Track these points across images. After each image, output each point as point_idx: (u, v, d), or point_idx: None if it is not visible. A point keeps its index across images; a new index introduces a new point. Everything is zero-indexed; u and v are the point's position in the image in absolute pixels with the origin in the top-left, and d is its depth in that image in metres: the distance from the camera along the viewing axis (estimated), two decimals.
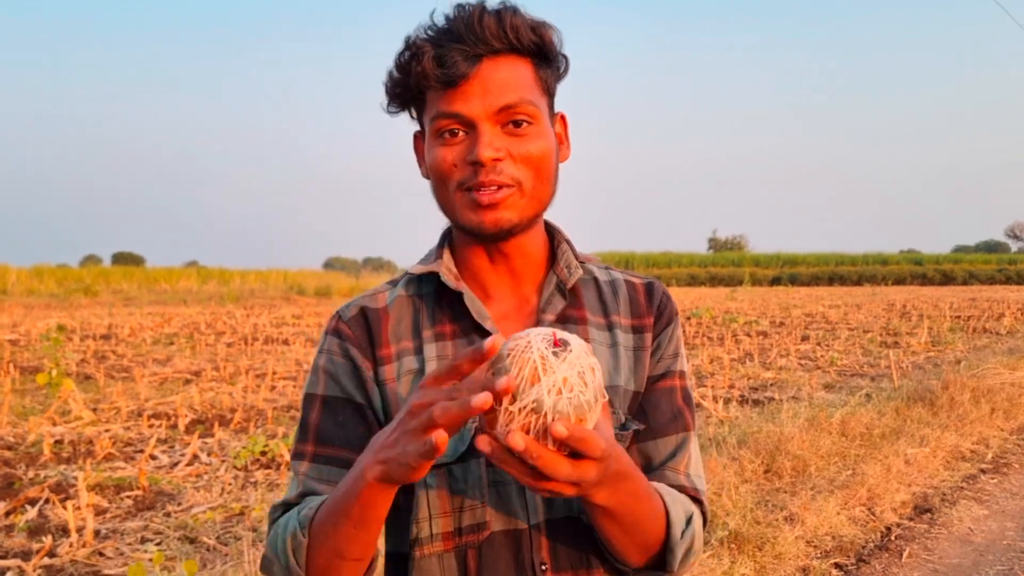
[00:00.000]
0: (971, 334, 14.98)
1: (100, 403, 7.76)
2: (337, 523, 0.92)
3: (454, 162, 1.03)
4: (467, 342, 1.08)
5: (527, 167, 1.04)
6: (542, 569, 1.03)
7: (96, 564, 3.85)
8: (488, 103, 1.01)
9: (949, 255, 69.40)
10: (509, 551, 1.03)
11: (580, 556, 1.05)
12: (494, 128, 1.02)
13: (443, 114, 1.02)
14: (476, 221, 1.04)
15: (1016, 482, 5.54)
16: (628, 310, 1.16)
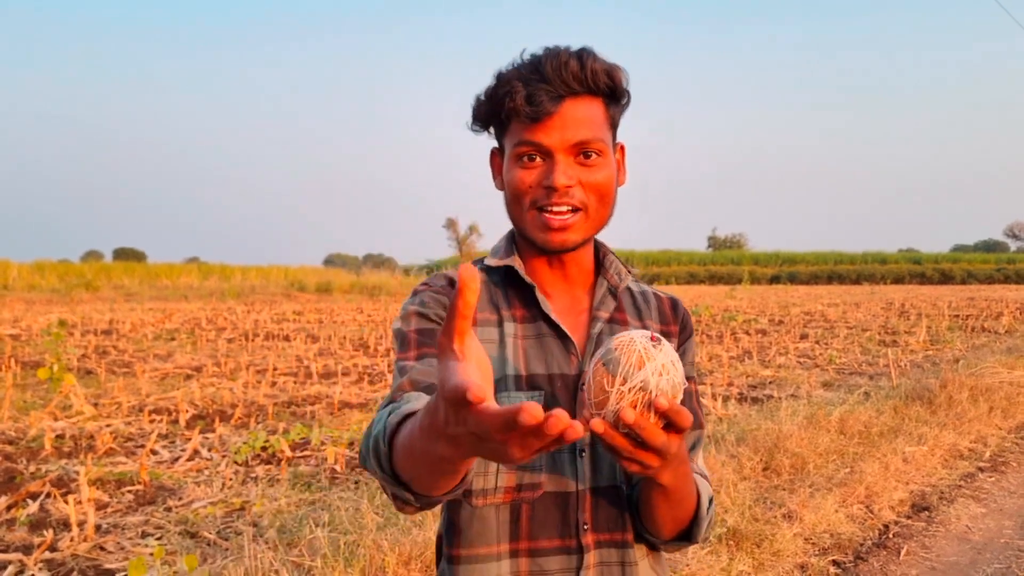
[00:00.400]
0: (969, 333, 15.00)
1: (101, 398, 7.77)
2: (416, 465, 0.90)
3: (530, 184, 1.19)
4: (534, 327, 1.24)
5: (593, 193, 1.20)
6: (584, 528, 1.18)
7: (97, 558, 3.87)
8: (566, 137, 1.17)
9: (948, 254, 69.47)
10: (557, 510, 1.18)
11: (617, 520, 1.21)
12: (568, 159, 1.18)
13: (526, 142, 1.18)
14: (544, 239, 1.21)
15: (1014, 480, 5.56)
16: (657, 318, 1.33)
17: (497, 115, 1.21)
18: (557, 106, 1.16)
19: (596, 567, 1.19)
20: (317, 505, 4.51)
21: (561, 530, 1.18)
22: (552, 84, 1.15)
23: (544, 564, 1.18)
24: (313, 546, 3.64)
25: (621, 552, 1.21)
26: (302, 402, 7.85)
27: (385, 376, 9.47)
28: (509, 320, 1.25)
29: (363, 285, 34.10)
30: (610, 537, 1.20)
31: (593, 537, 1.19)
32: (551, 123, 1.17)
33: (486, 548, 1.18)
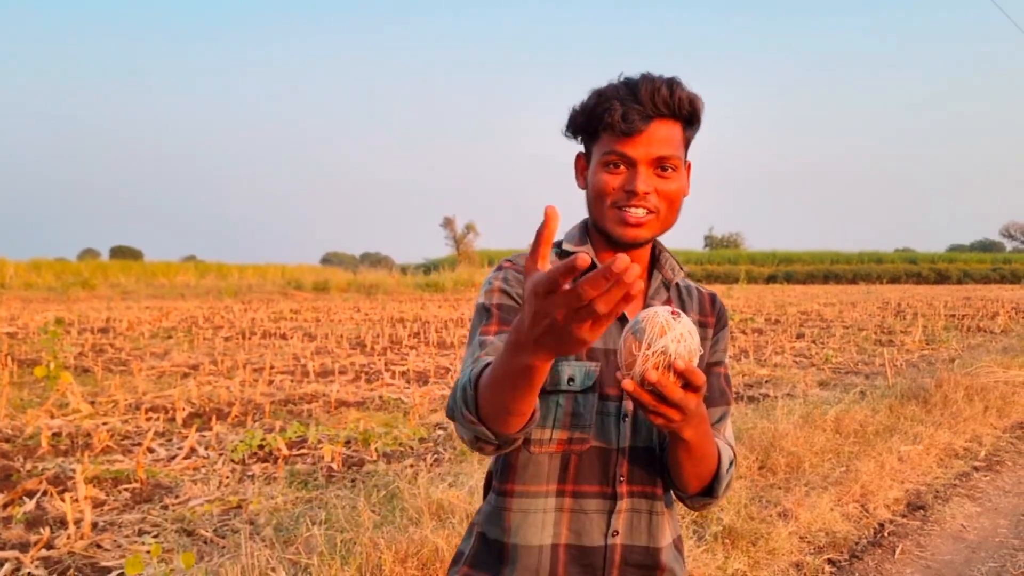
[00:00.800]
0: (965, 333, 15.03)
1: (98, 396, 7.77)
2: (501, 390, 1.12)
3: (614, 187, 1.40)
4: None
5: (665, 201, 1.41)
6: (620, 480, 1.41)
7: (94, 556, 3.87)
8: (650, 152, 1.38)
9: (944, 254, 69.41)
10: (599, 462, 1.41)
11: (649, 476, 1.43)
12: (648, 170, 1.39)
13: (615, 152, 1.39)
14: (620, 233, 1.41)
15: (1009, 479, 5.58)
16: (698, 309, 1.54)
17: (592, 126, 1.42)
18: (646, 125, 1.37)
19: (627, 512, 1.42)
20: (314, 503, 4.52)
21: (601, 479, 1.41)
22: (644, 106, 1.36)
23: (584, 504, 1.41)
24: (310, 544, 3.65)
25: (650, 503, 1.43)
26: (299, 400, 7.86)
27: (382, 374, 9.48)
28: None
29: (360, 284, 34.06)
30: (641, 489, 1.43)
31: (627, 488, 1.42)
32: (639, 139, 1.37)
33: (536, 486, 1.41)
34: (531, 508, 1.41)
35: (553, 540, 1.40)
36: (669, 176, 1.41)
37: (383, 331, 15.20)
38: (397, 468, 5.22)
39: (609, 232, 1.43)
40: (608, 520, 1.41)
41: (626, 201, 1.39)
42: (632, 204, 1.39)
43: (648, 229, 1.42)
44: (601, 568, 1.41)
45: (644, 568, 1.43)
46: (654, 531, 1.43)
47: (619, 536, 1.41)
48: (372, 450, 5.78)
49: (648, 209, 1.40)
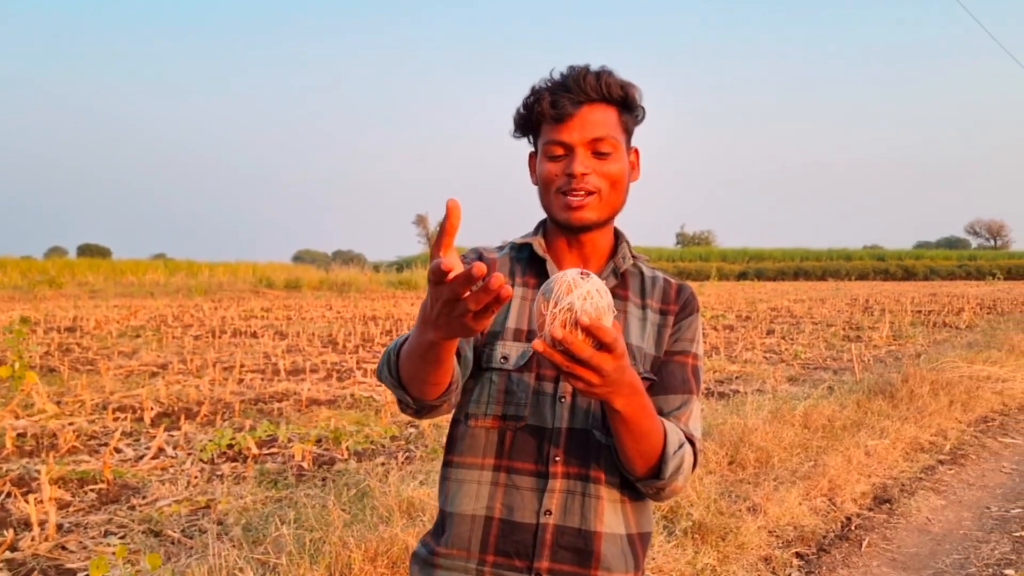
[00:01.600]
0: (931, 328, 15.25)
1: (64, 396, 7.66)
2: (412, 360, 1.25)
3: (556, 174, 1.46)
4: None
5: (606, 181, 1.46)
6: (555, 460, 1.42)
7: (58, 558, 3.82)
8: (583, 135, 1.44)
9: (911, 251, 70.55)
10: (534, 441, 1.43)
11: (584, 458, 1.43)
12: (586, 152, 1.45)
13: (552, 141, 1.46)
14: (565, 217, 1.46)
15: (973, 473, 5.67)
16: (659, 298, 1.55)
17: (530, 120, 1.49)
18: (577, 109, 1.43)
19: (561, 493, 1.42)
20: (283, 503, 4.48)
21: (535, 457, 1.43)
22: (573, 92, 1.43)
23: (517, 480, 1.43)
24: (279, 544, 3.62)
25: (584, 485, 1.42)
26: (269, 399, 7.80)
27: (354, 372, 9.43)
28: (519, 286, 1.52)
29: (332, 282, 33.87)
30: (578, 471, 1.42)
31: (562, 468, 1.42)
32: (572, 123, 1.44)
33: (473, 458, 1.46)
34: (466, 479, 1.46)
35: (487, 512, 1.43)
36: (608, 158, 1.46)
37: (355, 329, 15.12)
38: (368, 466, 5.20)
39: (558, 219, 1.49)
40: (540, 498, 1.42)
41: (567, 185, 1.44)
42: (573, 187, 1.44)
43: (592, 211, 1.46)
44: (531, 546, 1.41)
45: (577, 552, 1.41)
46: (588, 514, 1.42)
47: (552, 516, 1.41)
48: (343, 448, 5.76)
49: (588, 191, 1.44)
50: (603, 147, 1.45)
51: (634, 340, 1.49)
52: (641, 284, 1.57)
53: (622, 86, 1.47)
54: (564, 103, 1.43)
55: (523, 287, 1.53)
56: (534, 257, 1.55)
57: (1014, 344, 11.15)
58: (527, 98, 1.50)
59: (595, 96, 1.44)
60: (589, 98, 1.44)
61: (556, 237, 1.54)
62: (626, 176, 1.50)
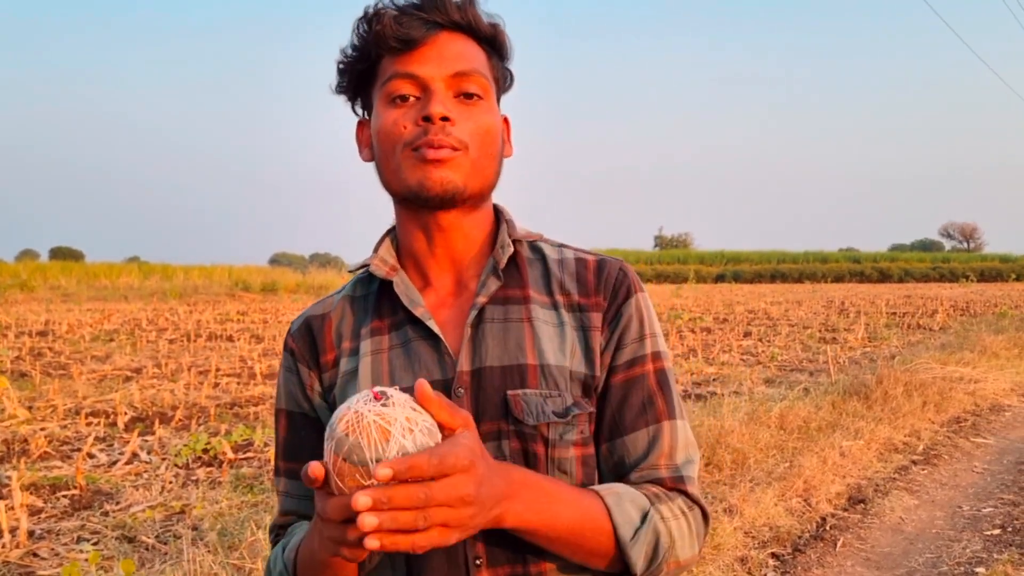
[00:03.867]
0: (906, 330, 15.41)
1: (36, 401, 7.56)
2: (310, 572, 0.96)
3: (404, 123, 1.02)
4: (401, 334, 1.07)
5: (475, 136, 1.03)
6: (476, 564, 0.99)
7: (30, 565, 3.77)
8: (443, 68, 1.02)
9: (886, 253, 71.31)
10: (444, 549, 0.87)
11: (515, 552, 1.00)
12: (447, 92, 1.03)
13: (398, 74, 1.02)
14: (419, 180, 1.01)
15: (946, 473, 5.73)
16: (575, 287, 1.10)
17: (367, 55, 1.05)
18: (432, 33, 1.02)
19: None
20: (260, 507, 4.45)
21: (448, 566, 0.99)
22: (426, 11, 1.02)
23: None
24: (254, 549, 3.60)
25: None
26: (245, 403, 7.74)
27: None
28: (367, 337, 1.08)
29: (310, 285, 33.69)
30: (511, 570, 1.00)
31: (489, 573, 1.00)
32: (425, 51, 1.02)
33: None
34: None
35: None
36: (476, 104, 1.04)
37: None
38: None
39: (409, 186, 1.03)
40: None
41: (423, 136, 1.01)
42: (431, 138, 1.00)
43: (458, 171, 1.02)
44: None
45: None
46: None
47: None
48: None
49: (452, 146, 1.01)
50: (470, 86, 1.03)
51: (551, 358, 1.04)
52: (545, 272, 1.11)
53: (490, 20, 1.07)
54: (414, 23, 1.01)
55: (371, 337, 1.08)
56: (385, 285, 1.10)
57: (986, 345, 11.28)
58: (360, 20, 1.05)
59: (458, 20, 1.04)
60: (450, 21, 1.03)
61: (411, 234, 1.10)
62: (499, 136, 1.08)
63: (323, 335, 1.11)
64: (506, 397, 1.01)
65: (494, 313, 1.06)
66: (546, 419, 1.00)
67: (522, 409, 1.00)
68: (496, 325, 1.05)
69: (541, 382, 1.02)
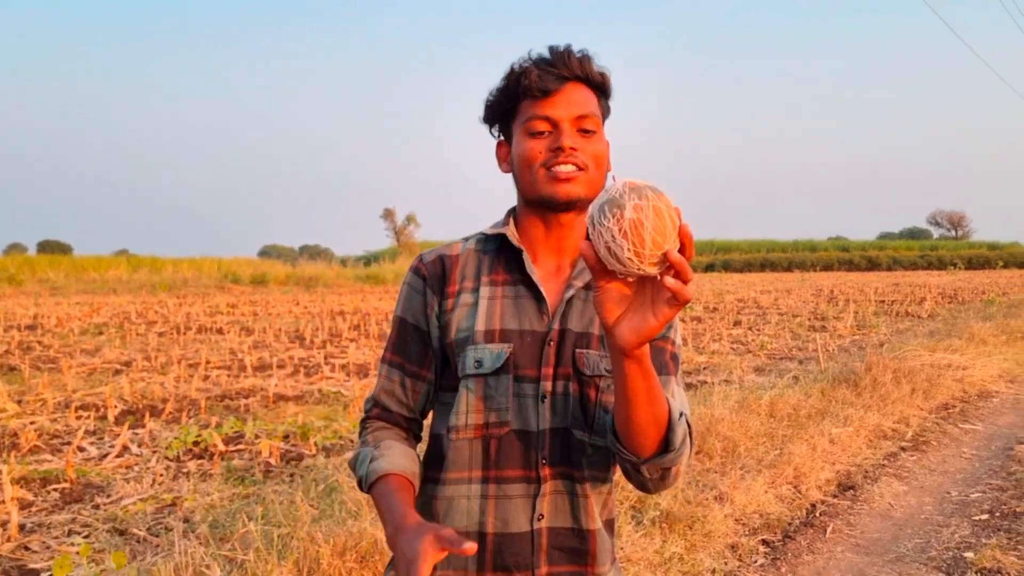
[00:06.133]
0: (894, 318, 15.50)
1: (25, 395, 7.53)
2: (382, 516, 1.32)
3: (540, 150, 1.39)
4: (514, 289, 1.44)
5: (591, 159, 1.40)
6: (542, 462, 1.37)
7: (21, 558, 3.76)
8: (570, 111, 1.39)
9: (874, 242, 71.51)
10: (520, 446, 1.38)
11: (569, 457, 1.38)
12: (572, 129, 1.39)
13: (536, 116, 1.39)
14: (552, 191, 1.39)
15: (934, 459, 5.77)
16: None
17: (510, 100, 1.43)
18: (562, 85, 1.39)
19: (551, 495, 1.38)
20: (251, 499, 4.45)
21: (524, 462, 1.38)
22: (558, 68, 1.39)
23: (508, 490, 1.38)
24: (246, 540, 3.60)
25: (571, 484, 1.39)
26: (236, 395, 7.73)
27: (322, 368, 9.37)
28: (487, 285, 1.44)
29: (299, 277, 33.61)
30: (563, 470, 1.38)
31: (550, 470, 1.38)
32: (558, 98, 1.39)
33: (459, 473, 1.40)
34: (456, 494, 1.40)
35: (480, 528, 1.38)
36: (591, 137, 1.41)
37: (323, 324, 15.03)
38: (336, 462, 5.17)
39: (542, 195, 1.40)
40: (533, 504, 1.38)
41: (555, 159, 1.38)
42: (561, 160, 1.38)
43: (580, 185, 1.39)
44: (530, 553, 1.38)
45: (572, 552, 1.40)
46: (578, 513, 1.39)
47: (544, 520, 1.38)
48: (311, 444, 5.72)
49: (577, 165, 1.38)
50: (588, 124, 1.40)
51: None
52: None
53: (600, 71, 1.44)
54: (551, 78, 1.38)
55: (490, 286, 1.45)
56: (502, 249, 1.47)
57: (974, 332, 11.36)
58: (508, 74, 1.43)
59: (580, 75, 1.40)
60: (574, 75, 1.40)
61: (531, 223, 1.47)
62: (607, 157, 1.45)
63: (451, 271, 1.47)
64: (575, 353, 1.38)
65: (580, 295, 1.43)
66: (599, 372, 1.38)
67: (584, 363, 1.38)
68: (579, 303, 1.43)
69: (601, 347, 1.39)
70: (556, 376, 1.37)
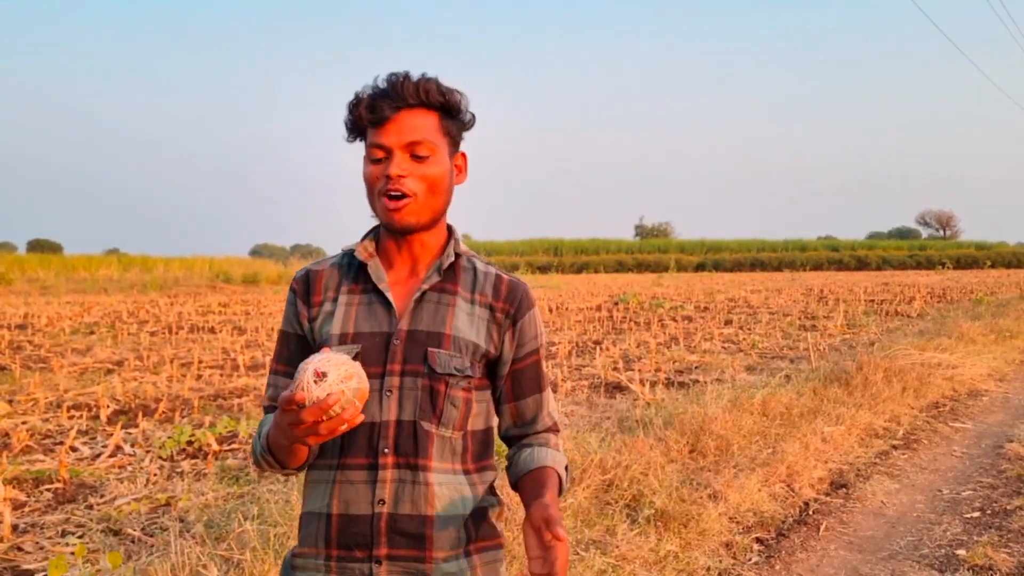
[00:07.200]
0: (884, 317, 15.57)
1: (16, 395, 7.50)
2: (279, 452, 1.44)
3: (377, 176, 1.51)
4: (367, 297, 1.57)
5: (423, 183, 1.50)
6: (384, 451, 1.49)
7: (14, 559, 3.75)
8: (401, 139, 1.49)
9: (864, 241, 71.72)
10: (364, 436, 1.50)
11: (413, 447, 1.50)
12: (404, 155, 1.49)
13: (373, 144, 1.51)
14: (387, 219, 1.52)
15: (925, 457, 5.81)
16: (491, 293, 1.60)
17: (356, 125, 1.53)
18: (395, 113, 1.49)
19: (392, 482, 1.49)
20: (246, 498, 4.45)
21: (366, 451, 1.50)
22: (391, 97, 1.48)
23: (350, 476, 1.51)
24: (242, 539, 3.59)
25: (413, 473, 1.50)
26: (229, 395, 7.71)
27: None
28: (345, 294, 1.58)
29: (291, 276, 33.44)
30: (407, 460, 1.50)
31: (392, 459, 1.49)
32: (390, 127, 1.49)
33: (322, 460, 1.54)
34: (316, 480, 1.55)
35: (328, 509, 1.52)
36: (425, 161, 1.50)
37: None
38: None
39: (382, 221, 1.55)
40: (373, 490, 1.49)
41: (386, 186, 1.49)
42: (390, 188, 1.48)
43: (411, 214, 1.51)
44: (369, 535, 1.49)
45: (411, 536, 1.49)
46: (418, 500, 1.49)
47: (385, 505, 1.49)
48: None
49: (404, 192, 1.49)
50: (420, 150, 1.49)
51: (462, 332, 1.54)
52: (473, 279, 1.61)
53: (442, 92, 1.51)
54: (382, 107, 1.47)
55: (348, 294, 1.58)
56: (362, 264, 1.60)
57: (963, 331, 11.42)
58: (350, 103, 1.53)
59: (413, 101, 1.49)
60: (407, 103, 1.48)
61: (387, 238, 1.60)
62: (447, 179, 1.54)
63: (316, 284, 1.61)
64: (427, 351, 1.51)
65: (431, 297, 1.56)
66: (448, 371, 1.51)
67: (435, 361, 1.51)
68: (431, 305, 1.55)
69: (451, 346, 1.52)
70: (404, 372, 1.49)
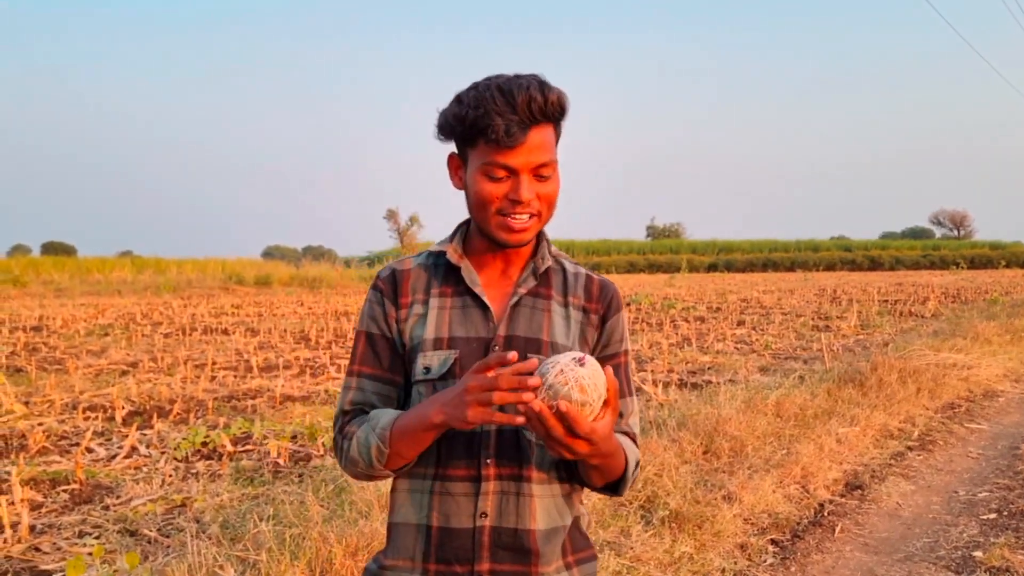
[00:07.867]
0: (898, 317, 15.49)
1: (32, 396, 7.55)
2: (404, 442, 1.40)
3: (497, 196, 1.45)
4: (461, 300, 1.53)
5: (544, 203, 1.48)
6: (487, 462, 1.45)
7: (32, 560, 3.78)
8: (529, 160, 1.43)
9: (877, 241, 71.49)
10: (464, 446, 1.46)
11: (516, 459, 1.47)
12: (530, 177, 1.45)
13: (497, 164, 1.43)
14: (505, 239, 1.47)
15: (941, 458, 5.78)
16: (583, 295, 1.59)
17: (469, 135, 1.44)
18: (525, 135, 1.41)
19: (494, 494, 1.46)
20: (261, 499, 4.47)
21: (467, 462, 1.46)
22: (521, 116, 1.40)
23: (451, 487, 1.46)
24: (258, 540, 3.61)
25: (517, 485, 1.46)
26: (243, 396, 7.75)
27: (327, 368, 9.39)
28: (435, 296, 1.54)
29: (303, 277, 33.58)
30: (510, 472, 1.46)
31: (495, 471, 1.46)
32: (520, 150, 1.42)
33: (417, 468, 1.49)
34: (412, 489, 1.50)
35: (427, 521, 1.47)
36: (547, 181, 1.47)
37: (327, 324, 15.05)
38: None
39: (495, 238, 1.49)
40: (475, 503, 1.45)
41: (511, 209, 1.45)
42: (517, 212, 1.45)
43: (531, 232, 1.49)
44: (471, 549, 1.45)
45: (515, 551, 1.46)
46: (523, 513, 1.46)
47: (488, 518, 1.45)
48: (319, 444, 5.74)
49: (532, 214, 1.46)
50: (545, 171, 1.46)
51: (559, 338, 1.52)
52: (564, 281, 1.59)
53: (560, 101, 1.45)
54: (515, 131, 1.40)
55: (439, 297, 1.54)
56: (451, 264, 1.56)
57: (978, 332, 11.35)
58: (470, 113, 1.42)
59: (541, 118, 1.43)
60: (536, 121, 1.42)
61: (481, 244, 1.55)
62: (559, 192, 1.51)
63: (403, 285, 1.56)
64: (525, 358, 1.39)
65: (526, 301, 1.54)
66: None
67: None
68: (527, 309, 1.53)
69: (550, 353, 1.47)
70: None
